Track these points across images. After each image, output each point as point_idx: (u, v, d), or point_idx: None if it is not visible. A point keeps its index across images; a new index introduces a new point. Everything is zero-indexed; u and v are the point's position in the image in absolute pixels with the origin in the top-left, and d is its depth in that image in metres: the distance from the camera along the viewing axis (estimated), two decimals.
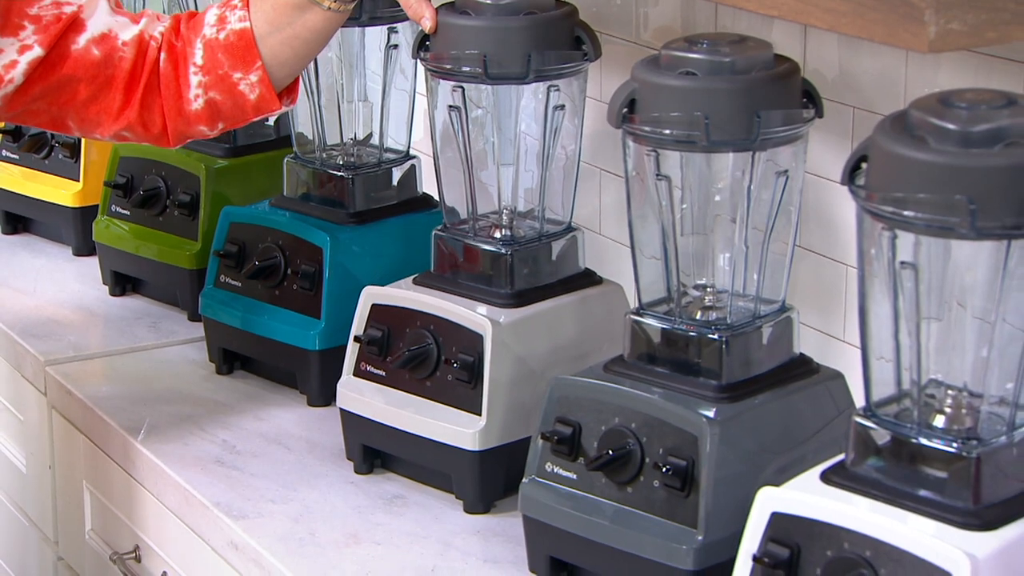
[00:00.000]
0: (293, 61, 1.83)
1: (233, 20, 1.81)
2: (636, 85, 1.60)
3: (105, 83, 1.81)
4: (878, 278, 1.43)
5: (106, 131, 1.84)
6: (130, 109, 1.82)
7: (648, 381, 1.64)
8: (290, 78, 1.85)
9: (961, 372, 1.44)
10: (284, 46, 1.81)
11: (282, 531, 1.81)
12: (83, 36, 1.80)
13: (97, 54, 1.80)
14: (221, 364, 2.19)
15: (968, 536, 1.36)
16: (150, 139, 1.86)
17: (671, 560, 1.58)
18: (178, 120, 1.83)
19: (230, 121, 1.85)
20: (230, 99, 1.82)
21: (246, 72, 1.80)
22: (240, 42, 1.80)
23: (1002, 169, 1.32)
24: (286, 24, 1.80)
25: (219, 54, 1.81)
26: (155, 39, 1.83)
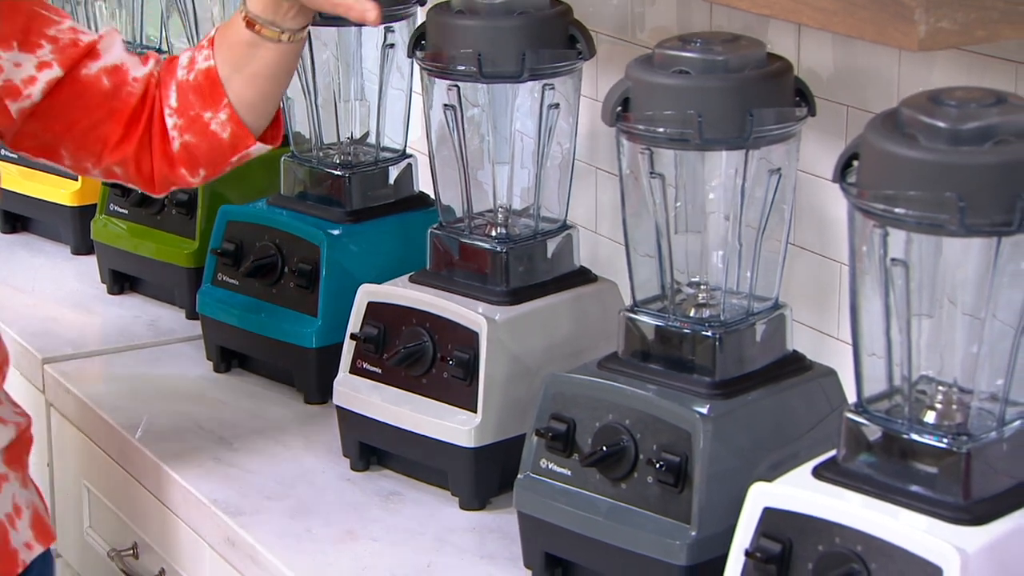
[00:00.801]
0: (259, 101, 1.80)
1: (200, 60, 1.80)
2: (630, 84, 1.61)
3: (108, 114, 1.80)
4: (869, 275, 1.44)
5: (98, 163, 1.82)
6: (128, 144, 1.80)
7: (642, 378, 1.65)
8: (263, 118, 1.82)
9: (952, 368, 1.45)
10: (248, 86, 1.79)
11: (279, 528, 1.82)
12: (96, 64, 1.79)
13: (107, 84, 1.79)
14: (219, 362, 2.20)
15: (958, 531, 1.37)
16: (140, 180, 1.84)
17: (665, 555, 1.59)
18: (163, 162, 1.81)
19: (210, 165, 1.82)
20: (204, 141, 1.80)
21: (215, 111, 1.79)
22: (206, 81, 1.79)
23: (991, 167, 1.33)
24: (244, 64, 1.78)
25: (189, 95, 1.80)
26: (155, 78, 1.83)
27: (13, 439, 1.82)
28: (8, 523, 1.80)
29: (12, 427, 1.83)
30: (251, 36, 1.77)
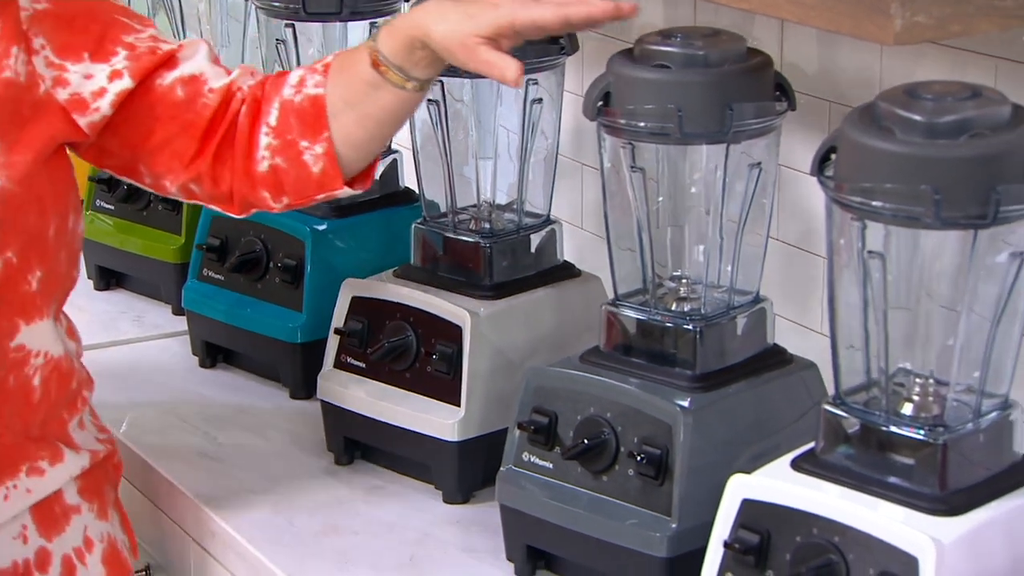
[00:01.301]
0: (365, 142, 1.68)
1: (310, 84, 1.67)
2: (611, 78, 1.63)
3: (183, 127, 1.69)
4: (847, 268, 1.46)
5: (175, 180, 1.71)
6: (203, 159, 1.69)
7: (623, 371, 1.67)
8: (362, 162, 1.69)
9: (929, 361, 1.47)
10: (356, 126, 1.66)
11: (262, 521, 1.84)
12: (172, 73, 1.68)
13: (181, 94, 1.68)
14: (204, 357, 2.22)
15: (934, 521, 1.38)
16: (217, 198, 1.72)
17: (645, 547, 1.60)
18: (244, 181, 1.70)
19: (294, 195, 1.70)
20: (294, 169, 1.67)
21: (312, 141, 1.66)
22: (312, 108, 1.66)
23: (967, 160, 1.35)
24: (359, 102, 1.65)
25: (291, 117, 1.67)
26: (242, 91, 1.70)
27: (86, 467, 1.74)
28: (76, 558, 1.72)
29: (86, 455, 1.74)
30: (374, 77, 1.64)
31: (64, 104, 1.64)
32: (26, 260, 1.63)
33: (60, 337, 1.70)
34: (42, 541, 1.69)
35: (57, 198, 1.66)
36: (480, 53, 1.57)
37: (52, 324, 1.68)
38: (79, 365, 1.76)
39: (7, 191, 1.60)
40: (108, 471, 1.79)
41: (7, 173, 1.60)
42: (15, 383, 1.65)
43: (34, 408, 1.68)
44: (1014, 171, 1.36)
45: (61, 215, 1.67)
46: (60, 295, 1.71)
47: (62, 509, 1.71)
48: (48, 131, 1.64)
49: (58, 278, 1.69)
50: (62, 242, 1.68)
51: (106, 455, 1.78)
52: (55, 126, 1.64)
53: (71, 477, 1.72)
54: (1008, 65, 1.68)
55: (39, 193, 1.63)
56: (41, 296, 1.66)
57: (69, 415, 1.73)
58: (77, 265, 1.74)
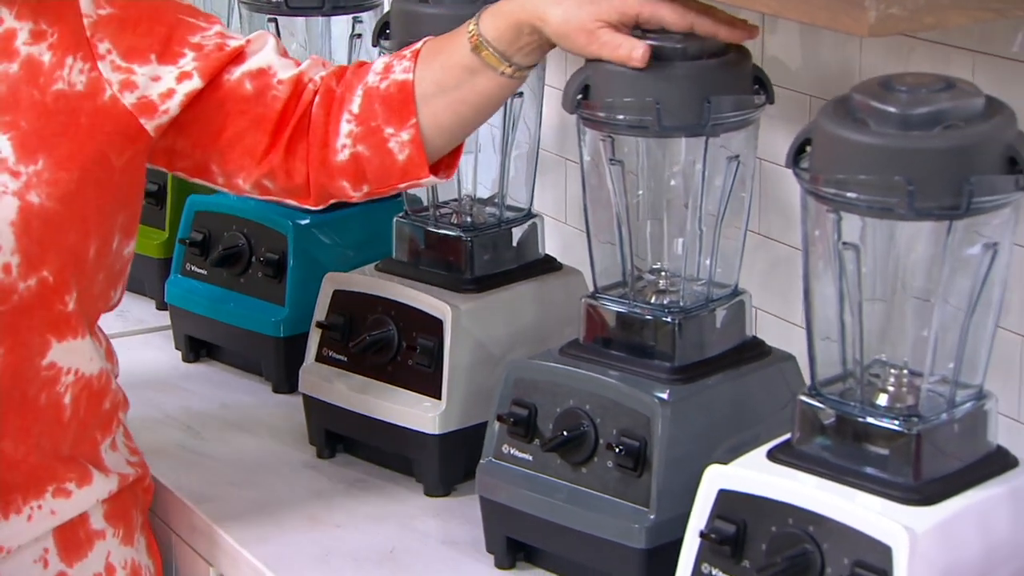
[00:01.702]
0: (455, 128, 1.67)
1: (398, 71, 1.66)
2: (590, 72, 1.64)
3: (253, 122, 1.67)
4: (822, 260, 1.47)
5: (248, 177, 1.70)
6: (275, 152, 1.68)
7: (603, 364, 1.68)
8: (447, 147, 1.69)
9: (904, 352, 1.48)
10: (448, 110, 1.65)
11: (243, 514, 1.85)
12: (239, 68, 1.67)
13: (249, 88, 1.67)
14: (187, 352, 2.23)
15: (908, 511, 1.40)
16: (292, 190, 1.71)
17: (624, 539, 1.62)
18: (321, 171, 1.69)
19: (375, 182, 1.69)
20: (377, 156, 1.66)
21: (399, 128, 1.65)
22: (399, 94, 1.65)
23: (940, 151, 1.37)
24: (453, 87, 1.64)
25: (376, 104, 1.66)
26: (314, 82, 1.69)
27: (115, 491, 1.72)
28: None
29: (115, 478, 1.72)
30: (473, 61, 1.63)
31: (131, 108, 1.64)
32: (63, 280, 1.62)
33: (96, 356, 1.69)
34: (63, 566, 1.68)
35: (103, 219, 1.65)
36: (602, 36, 1.58)
37: (87, 343, 1.67)
38: (115, 386, 1.75)
39: (48, 209, 1.59)
40: (137, 495, 1.77)
41: (49, 191, 1.59)
42: (46, 401, 1.64)
43: (64, 427, 1.67)
44: (987, 162, 1.37)
45: (104, 237, 1.66)
46: (94, 314, 1.70)
47: (86, 534, 1.70)
48: (106, 144, 1.63)
49: (93, 298, 1.68)
50: (102, 263, 1.67)
51: (136, 479, 1.76)
52: (116, 134, 1.63)
53: (98, 500, 1.70)
54: (985, 59, 1.70)
55: (82, 213, 1.62)
56: (76, 316, 1.65)
57: (102, 436, 1.72)
58: (117, 286, 1.73)
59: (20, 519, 1.63)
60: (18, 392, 1.62)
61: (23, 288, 1.59)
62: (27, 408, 1.63)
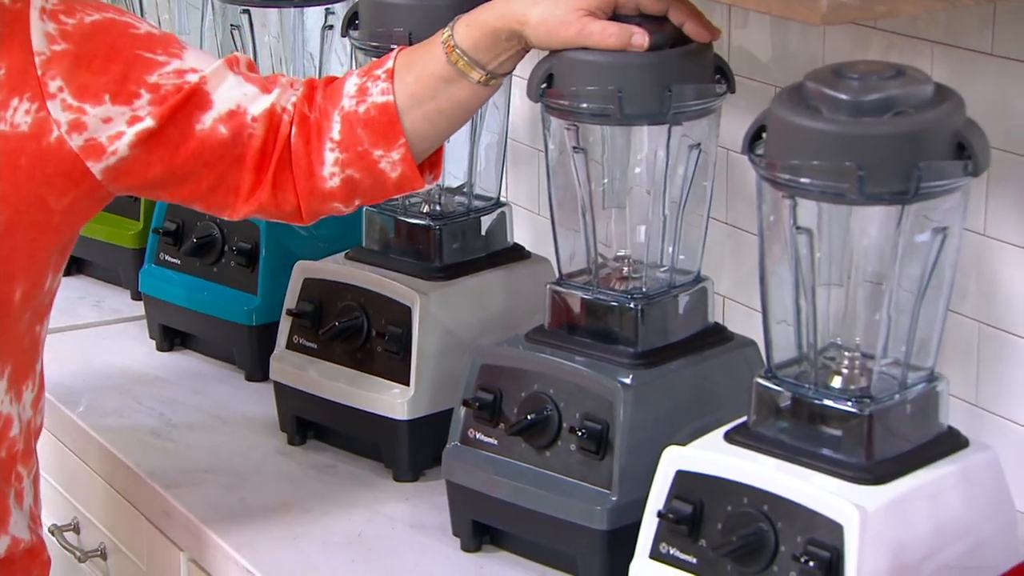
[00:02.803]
0: (432, 136, 1.69)
1: (375, 93, 1.66)
2: (554, 61, 1.68)
3: (233, 164, 1.66)
4: (778, 245, 1.51)
5: (236, 213, 1.69)
6: (261, 190, 1.67)
7: (567, 349, 1.73)
8: (427, 152, 1.70)
9: (858, 336, 1.52)
10: (424, 121, 1.66)
11: (214, 499, 1.89)
12: (209, 115, 1.64)
13: (224, 133, 1.65)
14: (161, 341, 2.27)
15: (860, 490, 1.44)
16: (283, 216, 1.71)
17: (586, 521, 1.66)
18: (311, 198, 1.68)
19: (368, 197, 1.70)
20: (369, 177, 1.67)
21: (388, 150, 1.66)
22: (382, 117, 1.65)
23: (890, 137, 1.41)
24: (429, 97, 1.66)
25: (358, 129, 1.66)
26: (287, 112, 1.67)
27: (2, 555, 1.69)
28: None
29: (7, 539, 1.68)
30: (449, 71, 1.65)
31: (77, 150, 1.60)
32: None
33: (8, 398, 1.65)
34: None
35: (33, 262, 1.62)
36: (588, 25, 1.60)
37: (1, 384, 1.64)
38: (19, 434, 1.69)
39: None
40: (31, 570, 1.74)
41: None
42: None
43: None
44: (936, 148, 1.42)
45: (34, 279, 1.63)
46: (16, 353, 1.65)
47: None
48: (45, 188, 1.58)
49: (14, 338, 1.64)
50: (29, 304, 1.64)
51: (31, 548, 1.72)
52: (57, 176, 1.59)
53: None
54: (944, 49, 1.75)
55: (7, 256, 1.59)
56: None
57: (5, 485, 1.68)
58: (40, 320, 1.68)
59: None
60: None
61: None
62: None
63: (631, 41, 1.61)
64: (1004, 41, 1.69)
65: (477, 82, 1.66)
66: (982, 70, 1.72)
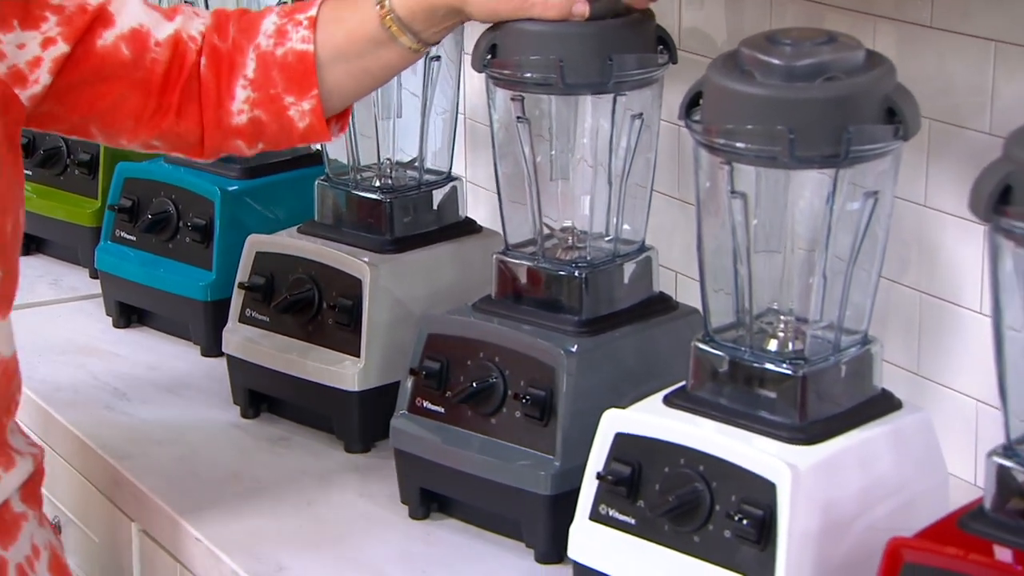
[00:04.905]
0: (352, 93, 1.71)
1: (295, 38, 1.66)
2: (498, 32, 1.72)
3: (135, 86, 1.65)
4: (715, 211, 1.55)
5: (135, 137, 1.70)
6: (164, 116, 1.67)
7: (513, 318, 1.76)
8: (341, 108, 1.73)
9: (793, 300, 1.56)
10: (349, 77, 1.68)
11: (165, 471, 1.92)
12: (111, 32, 1.63)
13: (127, 53, 1.64)
14: (118, 318, 2.31)
15: (792, 450, 1.48)
16: (184, 148, 1.71)
17: (531, 486, 1.70)
18: (216, 132, 1.69)
19: (271, 143, 1.71)
20: (276, 122, 1.68)
21: (299, 98, 1.67)
22: (299, 65, 1.66)
23: (821, 101, 1.45)
24: (356, 56, 1.67)
25: (273, 71, 1.66)
26: (194, 40, 1.67)
27: (32, 472, 1.71)
28: (28, 566, 1.68)
29: (29, 460, 1.70)
30: (381, 34, 1.66)
31: (3, 77, 1.60)
32: None
33: (10, 338, 1.69)
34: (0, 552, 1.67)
35: (11, 194, 1.63)
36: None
37: (5, 325, 1.67)
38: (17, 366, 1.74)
39: None
40: (39, 477, 1.76)
41: None
42: None
43: None
44: (866, 112, 1.45)
45: (14, 212, 1.64)
46: (12, 293, 1.69)
47: (12, 518, 1.68)
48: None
49: (12, 276, 1.67)
50: (16, 237, 1.66)
51: (39, 460, 1.75)
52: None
53: (20, 483, 1.69)
54: (886, 23, 1.79)
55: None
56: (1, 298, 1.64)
57: (7, 419, 1.70)
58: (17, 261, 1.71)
59: None
60: None
61: None
62: None
63: (572, 10, 1.64)
64: (943, 14, 1.73)
65: (408, 48, 1.68)
66: (922, 43, 1.76)
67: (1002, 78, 1.68)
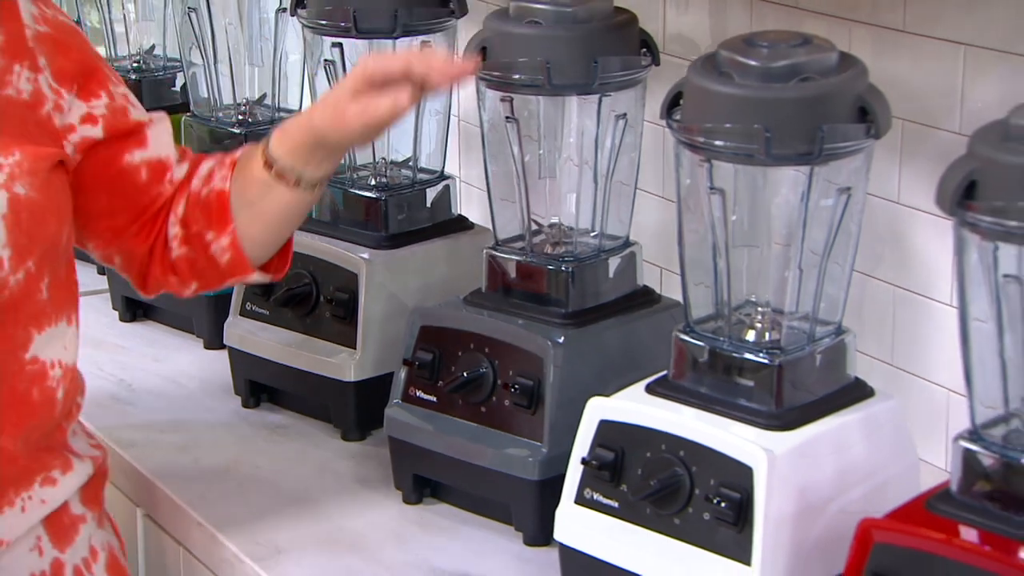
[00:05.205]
0: (263, 238, 1.67)
1: (217, 179, 1.66)
2: (488, 34, 1.73)
3: (132, 206, 1.67)
4: (695, 207, 1.56)
5: (104, 247, 1.71)
6: (141, 242, 1.68)
7: (502, 310, 1.78)
8: (267, 253, 1.69)
9: (770, 293, 1.58)
10: (253, 223, 1.66)
11: (166, 458, 1.93)
12: (140, 153, 1.65)
13: (143, 178, 1.66)
14: (124, 312, 2.32)
15: (769, 436, 1.49)
16: (133, 276, 1.72)
17: (519, 472, 1.71)
18: (159, 267, 1.69)
19: (203, 281, 1.70)
20: (201, 258, 1.67)
21: (218, 234, 1.66)
22: (216, 203, 1.65)
23: (796, 101, 1.46)
24: (254, 200, 1.65)
25: (197, 211, 1.66)
26: None
27: (92, 474, 1.69)
28: (84, 568, 1.67)
29: (89, 462, 1.69)
30: (266, 178, 1.64)
31: (60, 128, 1.60)
32: (41, 269, 1.59)
33: (71, 344, 1.68)
34: (56, 552, 1.66)
35: (68, 205, 1.62)
36: (350, 109, 1.57)
37: (59, 330, 1.65)
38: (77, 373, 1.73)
39: (33, 201, 1.55)
40: (101, 479, 1.74)
41: (31, 181, 1.55)
42: (40, 397, 1.61)
43: (55, 420, 1.65)
44: (839, 112, 1.47)
45: (71, 222, 1.64)
46: (71, 300, 1.68)
47: (70, 519, 1.67)
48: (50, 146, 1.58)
49: (67, 284, 1.66)
50: (69, 247, 1.66)
51: (101, 462, 1.73)
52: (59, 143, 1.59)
53: (80, 486, 1.68)
54: (862, 28, 1.80)
55: (59, 201, 1.59)
56: (52, 304, 1.62)
57: (67, 422, 1.69)
58: (74, 269, 1.70)
59: (14, 511, 1.60)
60: (6, 387, 1.58)
61: (13, 282, 1.56)
62: (18, 403, 1.60)
63: (395, 104, 1.56)
64: (915, 19, 1.75)
65: (294, 188, 1.64)
66: (896, 46, 1.77)
67: (971, 80, 1.69)
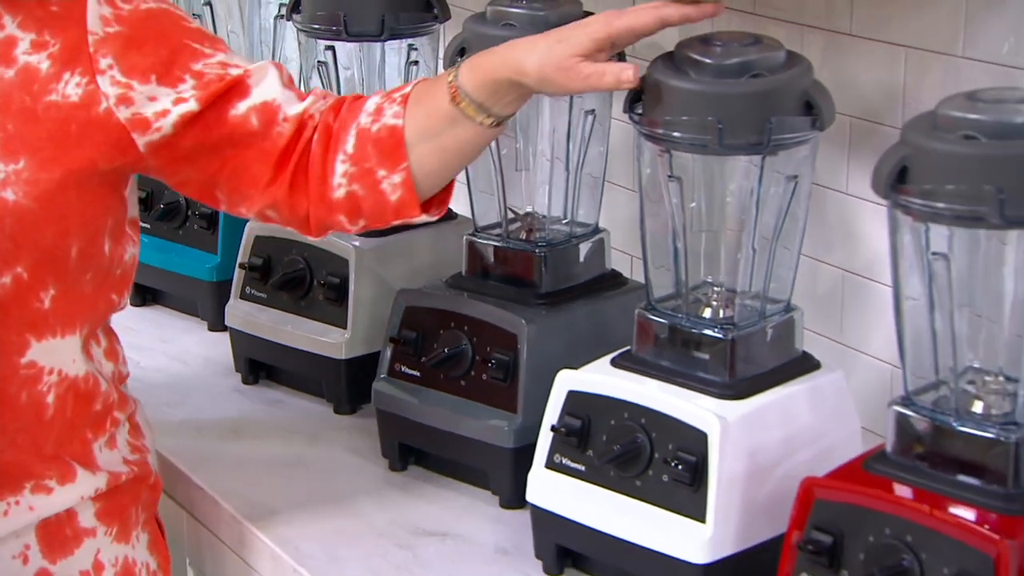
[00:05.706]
0: (439, 171, 1.60)
1: (388, 114, 1.59)
2: (466, 35, 1.77)
3: (259, 155, 1.60)
4: (655, 196, 1.60)
5: (253, 206, 1.63)
6: (277, 186, 1.61)
7: (481, 292, 1.81)
8: (436, 188, 1.62)
9: (724, 273, 1.61)
10: (431, 156, 1.59)
11: (171, 428, 1.97)
12: (244, 103, 1.59)
13: (255, 123, 1.59)
14: (133, 296, 2.35)
15: (722, 404, 1.53)
16: (295, 222, 1.64)
17: (495, 440, 1.75)
18: (320, 206, 1.61)
19: (371, 219, 1.62)
20: (371, 196, 1.60)
21: (390, 171, 1.58)
22: (390, 139, 1.58)
23: (746, 95, 1.50)
24: (435, 134, 1.58)
25: (368, 146, 1.59)
26: (312, 118, 1.61)
27: (103, 489, 1.64)
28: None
29: (104, 476, 1.63)
30: (453, 112, 1.57)
31: (125, 122, 1.56)
32: (39, 277, 1.55)
33: (79, 357, 1.61)
34: (44, 563, 1.61)
35: (86, 221, 1.58)
36: (583, 69, 1.52)
37: (68, 343, 1.60)
38: (109, 387, 1.67)
39: (23, 207, 1.52)
40: (139, 492, 1.69)
41: (26, 189, 1.52)
42: (27, 400, 1.58)
43: (46, 426, 1.60)
44: (787, 105, 1.50)
45: (89, 238, 1.59)
46: (89, 316, 1.62)
47: (73, 531, 1.63)
48: (94, 152, 1.55)
49: (80, 299, 1.60)
50: (88, 264, 1.60)
51: (135, 477, 1.67)
52: (106, 144, 1.56)
53: (83, 498, 1.63)
54: (812, 32, 1.84)
55: (62, 213, 1.55)
56: (55, 315, 1.58)
57: (95, 435, 1.64)
58: (115, 290, 1.65)
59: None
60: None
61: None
62: (6, 405, 1.57)
63: (619, 79, 1.52)
64: (861, 24, 1.79)
65: (480, 124, 1.58)
66: (844, 49, 1.80)
67: (912, 80, 1.73)
